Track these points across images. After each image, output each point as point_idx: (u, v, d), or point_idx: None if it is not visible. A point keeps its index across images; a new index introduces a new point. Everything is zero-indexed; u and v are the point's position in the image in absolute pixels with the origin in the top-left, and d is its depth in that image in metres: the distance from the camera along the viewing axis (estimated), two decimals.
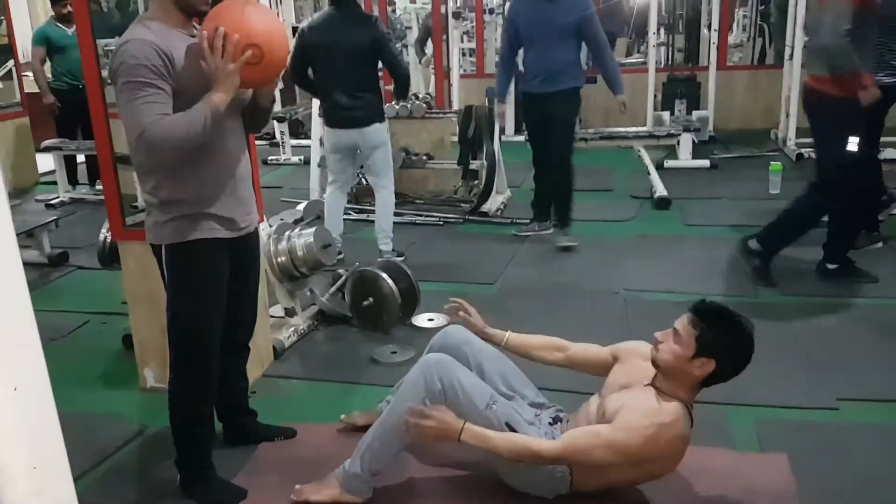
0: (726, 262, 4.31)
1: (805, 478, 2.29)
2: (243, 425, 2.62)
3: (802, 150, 6.69)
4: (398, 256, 4.30)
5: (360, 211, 5.47)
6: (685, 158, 6.67)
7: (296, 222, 4.55)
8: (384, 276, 3.37)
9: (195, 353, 2.25)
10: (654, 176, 5.72)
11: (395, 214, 4.53)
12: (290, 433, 2.64)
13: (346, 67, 4.03)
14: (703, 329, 2.01)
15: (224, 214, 2.21)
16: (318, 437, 2.63)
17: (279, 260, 3.32)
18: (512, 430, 2.10)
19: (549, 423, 2.26)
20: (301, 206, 5.38)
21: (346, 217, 5.33)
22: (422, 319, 3.57)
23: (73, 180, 6.59)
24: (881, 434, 2.56)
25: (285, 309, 3.44)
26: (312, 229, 3.38)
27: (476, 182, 5.48)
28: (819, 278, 3.92)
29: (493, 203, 5.45)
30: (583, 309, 3.71)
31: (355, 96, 4.07)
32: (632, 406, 2.03)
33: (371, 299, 3.40)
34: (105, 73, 2.75)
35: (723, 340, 2.02)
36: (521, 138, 6.77)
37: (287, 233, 3.37)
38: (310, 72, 4.20)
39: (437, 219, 5.27)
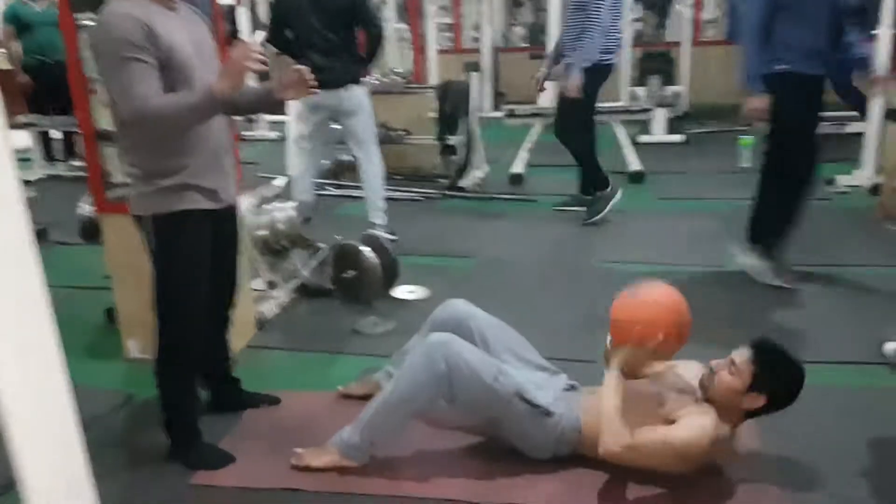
0: (697, 233, 4.44)
1: (769, 437, 2.40)
2: (228, 393, 2.68)
3: None
4: (391, 235, 4.32)
5: (339, 187, 5.51)
6: (659, 133, 6.77)
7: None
8: (365, 249, 3.43)
9: (180, 322, 2.30)
10: (629, 150, 5.82)
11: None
12: (275, 400, 2.70)
13: (324, 28, 4.03)
14: (761, 366, 2.10)
15: (207, 186, 2.24)
16: (302, 404, 2.70)
17: (260, 233, 3.37)
18: (522, 398, 2.18)
19: (564, 390, 2.33)
20: (278, 182, 5.41)
21: (325, 193, 5.40)
22: (402, 291, 3.64)
23: (49, 156, 6.55)
24: (841, 394, 2.69)
25: (267, 282, 3.49)
26: (293, 203, 3.43)
27: (454, 158, 5.54)
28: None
29: (471, 178, 5.51)
30: (560, 280, 3.80)
31: (332, 57, 4.05)
32: (698, 414, 2.11)
33: (352, 272, 3.46)
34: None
35: (778, 380, 2.11)
36: (499, 114, 6.85)
37: (268, 206, 3.42)
38: (288, 33, 4.18)
39: (417, 194, 5.33)
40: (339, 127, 4.46)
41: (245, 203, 3.31)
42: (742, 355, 2.14)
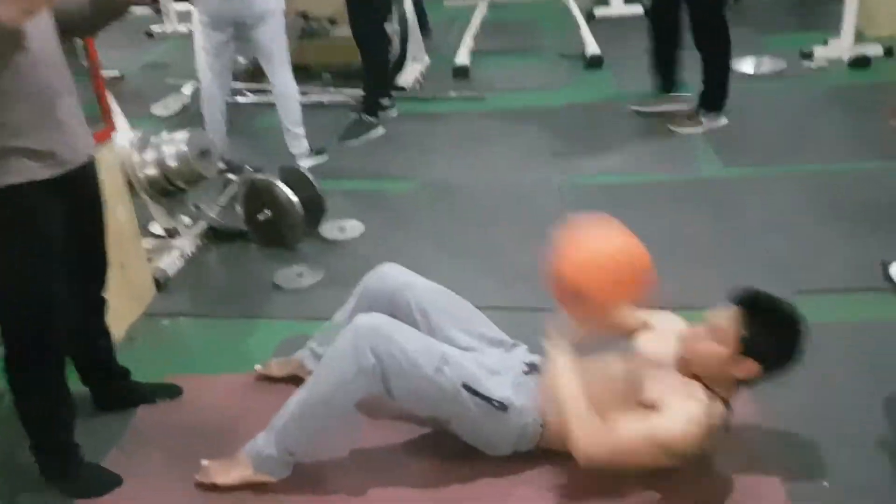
0: (663, 132, 3.91)
1: (765, 405, 2.01)
2: (114, 388, 2.20)
3: None
4: (318, 154, 3.73)
5: (259, 91, 4.79)
6: (618, 6, 6.11)
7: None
8: (279, 185, 2.86)
9: (31, 321, 1.79)
10: (585, 30, 5.17)
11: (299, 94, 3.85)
12: (175, 391, 2.24)
13: None
14: (749, 326, 1.71)
15: (38, 147, 1.68)
16: (210, 394, 2.24)
17: (147, 173, 2.74)
18: (471, 391, 1.79)
19: (524, 373, 1.93)
20: (187, 90, 4.72)
21: (241, 101, 4.70)
22: (331, 229, 3.08)
23: None
24: (846, 332, 2.33)
25: (165, 230, 2.91)
26: (185, 134, 2.80)
27: (389, 49, 4.84)
28: None
29: (410, 75, 4.84)
30: (517, 206, 3.26)
31: None
32: (683, 396, 1.73)
33: (268, 212, 2.91)
34: None
35: (772, 343, 1.72)
36: None
37: (154, 139, 2.78)
38: None
39: (346, 97, 4.64)
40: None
41: (123, 137, 2.69)
42: (728, 316, 1.74)
